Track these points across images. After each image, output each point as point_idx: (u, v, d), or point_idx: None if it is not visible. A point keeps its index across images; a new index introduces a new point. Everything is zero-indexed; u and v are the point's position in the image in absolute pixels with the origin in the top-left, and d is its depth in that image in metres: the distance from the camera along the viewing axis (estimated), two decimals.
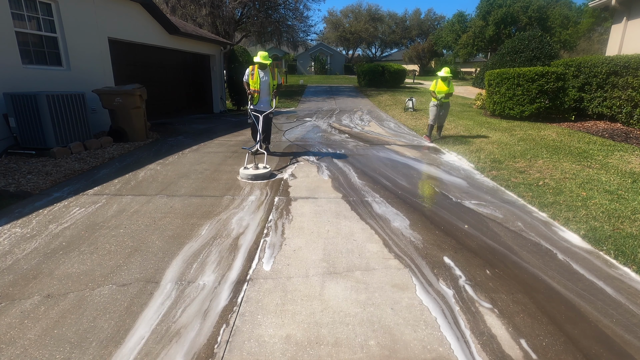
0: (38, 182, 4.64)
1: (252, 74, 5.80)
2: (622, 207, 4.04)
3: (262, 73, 5.79)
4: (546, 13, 27.98)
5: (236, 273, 2.75)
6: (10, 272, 2.71)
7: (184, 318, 2.25)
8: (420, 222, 3.68)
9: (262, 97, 5.91)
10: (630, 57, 8.35)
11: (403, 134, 8.68)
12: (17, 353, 1.95)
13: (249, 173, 4.91)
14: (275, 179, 5.00)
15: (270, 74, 5.83)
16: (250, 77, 5.82)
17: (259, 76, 5.77)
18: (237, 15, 19.84)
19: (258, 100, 5.92)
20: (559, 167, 5.56)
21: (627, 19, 10.03)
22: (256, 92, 5.85)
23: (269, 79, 5.82)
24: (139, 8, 8.85)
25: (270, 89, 5.88)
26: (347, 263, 2.91)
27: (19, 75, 6.11)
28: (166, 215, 3.77)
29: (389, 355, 1.99)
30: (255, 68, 5.79)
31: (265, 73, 5.81)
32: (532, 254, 3.09)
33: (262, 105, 5.94)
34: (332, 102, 16.24)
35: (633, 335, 2.16)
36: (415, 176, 5.27)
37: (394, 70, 23.80)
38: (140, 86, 7.23)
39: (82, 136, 6.44)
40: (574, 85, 9.99)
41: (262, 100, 5.93)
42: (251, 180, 4.86)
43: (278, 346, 2.03)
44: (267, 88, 5.87)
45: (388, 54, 55.47)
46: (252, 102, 5.89)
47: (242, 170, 5.02)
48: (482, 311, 2.35)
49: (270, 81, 5.83)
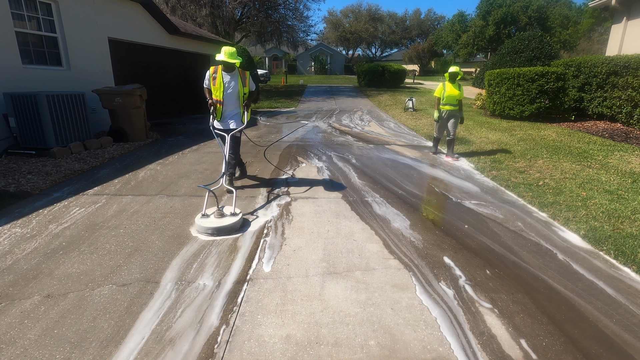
0: (38, 182, 4.64)
1: (213, 78, 4.23)
2: (622, 207, 4.04)
3: (227, 77, 4.24)
4: (546, 13, 28.00)
5: (236, 273, 2.75)
6: (10, 272, 2.71)
7: (184, 318, 2.25)
8: (420, 222, 3.68)
9: (227, 110, 4.34)
10: (630, 57, 8.35)
11: (403, 134, 8.68)
12: (17, 353, 1.95)
13: (208, 225, 3.30)
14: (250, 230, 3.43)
15: (240, 78, 4.28)
16: (212, 82, 4.25)
17: (222, 81, 4.21)
18: (237, 15, 19.86)
19: (222, 115, 4.37)
20: (559, 167, 5.56)
21: (627, 19, 10.03)
22: (219, 103, 4.30)
23: (237, 85, 4.26)
24: (139, 8, 8.85)
25: (239, 98, 4.34)
26: (347, 263, 2.91)
27: (19, 75, 6.11)
28: (166, 215, 3.77)
29: (389, 355, 1.99)
30: (219, 70, 4.23)
31: (232, 77, 4.26)
32: (532, 254, 3.09)
33: (229, 121, 4.40)
34: (332, 102, 16.25)
35: (633, 335, 2.16)
36: (415, 176, 5.27)
37: (394, 70, 23.82)
38: (140, 86, 7.23)
39: (82, 136, 6.44)
40: (574, 85, 9.99)
41: (228, 114, 4.37)
42: (213, 236, 3.30)
43: (278, 346, 2.03)
44: (235, 98, 4.31)
45: (388, 54, 55.51)
46: (214, 116, 4.35)
47: (198, 219, 3.42)
48: (482, 311, 2.35)
49: (239, 88, 4.28)
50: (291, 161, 5.99)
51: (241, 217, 3.53)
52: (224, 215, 3.47)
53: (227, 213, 3.53)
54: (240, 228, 3.46)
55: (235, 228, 3.41)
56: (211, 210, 3.55)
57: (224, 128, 4.40)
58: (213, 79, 4.23)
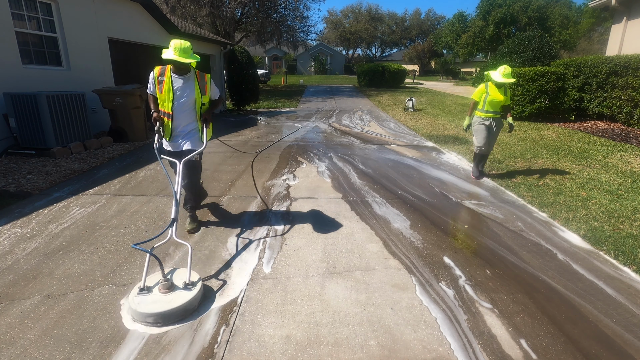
0: (38, 182, 4.64)
1: (159, 82, 3.11)
2: (622, 207, 4.04)
3: (179, 81, 3.12)
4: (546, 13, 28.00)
5: (236, 273, 2.75)
6: (10, 272, 2.71)
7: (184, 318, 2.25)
8: (420, 222, 3.68)
9: (179, 125, 3.19)
10: (630, 57, 8.35)
11: (403, 134, 8.68)
12: (17, 353, 1.95)
13: (147, 310, 2.15)
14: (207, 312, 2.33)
15: (196, 83, 3.16)
16: (157, 89, 3.12)
17: (172, 87, 3.09)
18: (237, 15, 19.85)
19: (172, 132, 3.22)
20: (559, 167, 5.56)
21: (627, 19, 10.03)
22: (166, 117, 3.15)
23: (193, 92, 3.14)
24: (139, 8, 8.85)
25: (195, 110, 3.21)
26: (347, 263, 2.91)
27: (19, 75, 6.11)
28: (166, 215, 3.76)
29: (389, 355, 1.99)
30: (167, 72, 3.11)
31: (186, 82, 3.13)
32: (532, 254, 3.09)
33: (181, 140, 3.23)
34: (332, 102, 16.24)
35: (633, 335, 2.16)
36: (415, 176, 5.27)
37: (394, 70, 23.82)
38: (140, 86, 7.23)
39: (82, 136, 6.43)
40: (574, 85, 9.99)
41: (181, 131, 3.22)
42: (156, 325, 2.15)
43: (278, 346, 2.03)
44: (190, 109, 3.18)
45: (388, 54, 55.52)
46: (160, 134, 3.12)
47: (133, 297, 2.26)
48: (482, 311, 2.35)
49: (195, 97, 3.16)
50: (291, 161, 5.99)
51: (200, 289, 2.37)
52: (174, 288, 2.33)
53: (178, 283, 2.37)
54: (197, 308, 2.30)
55: (191, 309, 2.26)
56: (154, 280, 2.40)
57: (175, 150, 3.24)
58: (159, 83, 3.09)
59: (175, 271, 2.53)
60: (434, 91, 21.43)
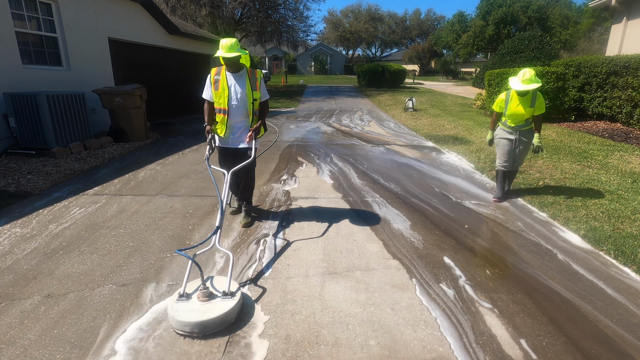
0: (38, 182, 4.64)
1: (215, 82, 3.25)
2: (622, 207, 4.04)
3: (232, 78, 3.24)
4: (546, 13, 28.00)
5: (236, 273, 2.75)
6: (10, 272, 2.71)
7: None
8: (420, 222, 3.68)
9: (233, 121, 3.31)
10: (630, 57, 8.35)
11: (403, 134, 8.68)
12: (17, 353, 1.95)
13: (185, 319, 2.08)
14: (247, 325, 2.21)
15: (248, 79, 3.25)
16: (213, 87, 3.26)
17: (226, 84, 3.22)
18: (237, 15, 19.85)
19: (227, 129, 3.33)
20: (559, 167, 5.56)
21: (627, 19, 10.03)
22: (223, 113, 3.27)
23: (244, 88, 3.24)
24: (139, 8, 8.85)
25: (247, 106, 3.28)
26: (347, 263, 2.91)
27: (19, 75, 6.11)
28: (166, 215, 3.77)
29: (389, 355, 1.99)
30: (222, 71, 3.25)
31: (238, 78, 3.25)
32: (532, 254, 3.09)
33: (235, 137, 3.36)
34: (332, 102, 16.25)
35: (633, 335, 2.16)
36: (415, 176, 5.27)
37: (394, 70, 23.82)
38: (140, 86, 7.23)
39: (82, 136, 6.44)
40: (574, 85, 9.99)
41: (238, 128, 3.34)
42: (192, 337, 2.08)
43: (278, 346, 2.03)
44: (243, 105, 3.27)
45: (388, 54, 55.52)
46: (212, 132, 3.27)
47: (172, 305, 2.20)
48: (482, 311, 2.35)
49: (247, 92, 3.24)
50: (291, 161, 5.99)
51: (240, 299, 2.29)
52: (212, 297, 2.26)
53: (217, 292, 2.31)
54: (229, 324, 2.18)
55: (229, 320, 2.18)
56: (193, 287, 2.35)
57: (228, 146, 3.39)
58: (215, 82, 3.24)
59: (212, 279, 2.46)
60: (434, 91, 21.43)
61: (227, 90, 3.22)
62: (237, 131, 3.35)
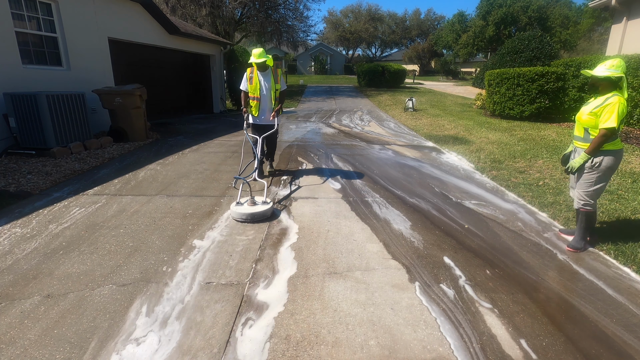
0: (38, 182, 4.64)
1: (250, 78, 4.80)
2: (622, 207, 4.04)
3: (261, 76, 4.80)
4: (546, 13, 28.01)
5: (236, 273, 2.75)
6: (10, 272, 2.71)
7: (184, 320, 2.25)
8: (420, 222, 3.68)
9: (263, 105, 4.90)
10: (630, 57, 8.35)
11: (403, 134, 8.68)
12: (17, 353, 1.95)
13: (243, 212, 3.62)
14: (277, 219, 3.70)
15: (272, 76, 4.81)
16: (249, 82, 4.82)
17: (258, 80, 4.77)
18: (237, 15, 19.86)
19: (259, 111, 4.91)
20: (559, 167, 5.56)
21: (627, 19, 10.03)
22: (256, 100, 4.85)
23: (270, 82, 4.81)
24: (139, 8, 8.84)
25: (272, 95, 4.87)
26: (347, 263, 2.91)
27: (19, 75, 6.11)
28: (166, 215, 3.77)
29: (389, 355, 1.99)
30: (254, 71, 4.77)
31: (266, 76, 4.82)
32: (532, 254, 3.09)
33: (264, 116, 4.96)
34: (332, 102, 16.25)
35: (633, 335, 2.16)
36: (415, 176, 5.27)
37: (394, 70, 23.82)
38: (140, 86, 7.23)
39: (82, 136, 6.44)
40: (574, 85, 9.98)
41: (264, 108, 4.93)
42: (246, 221, 3.62)
43: (278, 346, 2.03)
44: (269, 94, 4.87)
45: (388, 54, 55.51)
46: (247, 112, 4.94)
47: (234, 206, 3.73)
48: (482, 311, 2.35)
49: (272, 85, 4.82)
50: (291, 161, 5.99)
51: (272, 206, 3.82)
52: (256, 203, 3.77)
53: (258, 202, 3.85)
54: (270, 217, 3.75)
55: (266, 215, 3.72)
56: (244, 199, 3.87)
57: (259, 123, 5.00)
58: (250, 79, 4.81)
59: (255, 197, 3.87)
60: (434, 91, 21.43)
61: (259, 84, 4.79)
62: (265, 112, 4.93)
